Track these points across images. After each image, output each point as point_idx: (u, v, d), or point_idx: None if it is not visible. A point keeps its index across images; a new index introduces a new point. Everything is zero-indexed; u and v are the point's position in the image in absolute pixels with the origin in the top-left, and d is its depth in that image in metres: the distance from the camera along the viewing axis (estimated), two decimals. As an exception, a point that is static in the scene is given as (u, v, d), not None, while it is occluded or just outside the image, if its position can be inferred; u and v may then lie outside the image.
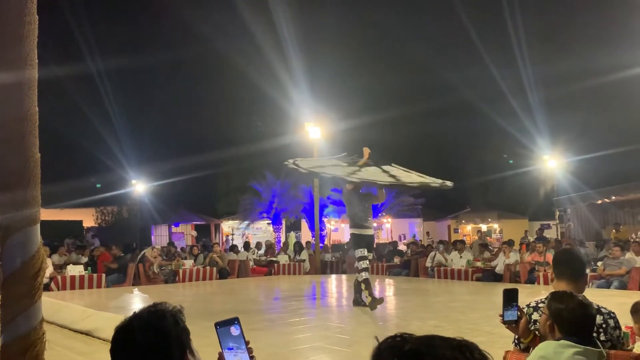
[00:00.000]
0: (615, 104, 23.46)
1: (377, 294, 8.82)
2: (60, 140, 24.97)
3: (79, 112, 27.55)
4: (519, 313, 2.61)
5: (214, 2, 36.02)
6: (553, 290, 2.63)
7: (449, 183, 9.27)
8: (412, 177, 9.49)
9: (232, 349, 1.67)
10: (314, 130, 17.49)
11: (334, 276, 15.85)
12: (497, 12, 24.15)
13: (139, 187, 27.52)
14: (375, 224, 24.29)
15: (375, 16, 32.07)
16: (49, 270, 11.57)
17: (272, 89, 23.04)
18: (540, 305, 2.76)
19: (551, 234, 20.56)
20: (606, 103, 23.93)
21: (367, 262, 8.65)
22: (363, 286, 8.39)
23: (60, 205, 25.89)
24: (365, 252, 8.64)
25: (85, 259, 13.75)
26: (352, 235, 9.07)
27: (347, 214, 9.26)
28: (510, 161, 27.39)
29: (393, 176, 9.21)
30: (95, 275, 12.41)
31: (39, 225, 2.71)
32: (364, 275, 8.44)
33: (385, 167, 9.56)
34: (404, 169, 9.74)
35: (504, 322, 2.62)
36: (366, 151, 9.23)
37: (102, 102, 27.11)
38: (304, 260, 16.30)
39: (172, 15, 32.60)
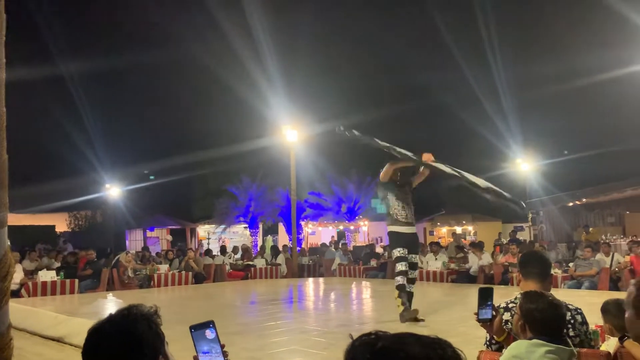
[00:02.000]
0: (587, 107, 23.98)
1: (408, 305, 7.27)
2: (32, 143, 24.48)
3: (51, 114, 27.08)
4: (493, 312, 2.65)
5: (187, 3, 35.77)
6: (523, 291, 2.68)
7: (521, 203, 7.68)
8: (477, 179, 7.62)
9: (208, 352, 1.65)
10: (291, 133, 17.47)
11: (311, 279, 15.84)
12: (470, 15, 24.49)
13: (113, 191, 27.10)
14: (352, 227, 24.48)
15: (350, 19, 32.28)
16: (20, 276, 11.30)
17: (248, 92, 22.98)
18: (511, 305, 2.83)
19: (524, 235, 20.87)
20: (577, 107, 24.42)
21: (405, 265, 7.32)
22: (396, 293, 7.22)
23: (31, 210, 25.31)
24: (404, 251, 7.35)
25: (57, 264, 13.49)
26: (389, 233, 7.79)
27: (385, 210, 7.92)
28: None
29: (456, 171, 7.42)
30: (67, 280, 12.14)
31: (6, 229, 2.66)
32: (399, 280, 7.28)
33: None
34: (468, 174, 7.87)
35: (479, 321, 2.66)
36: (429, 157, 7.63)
37: (74, 104, 26.65)
38: (280, 264, 16.26)
39: (145, 16, 32.28)
